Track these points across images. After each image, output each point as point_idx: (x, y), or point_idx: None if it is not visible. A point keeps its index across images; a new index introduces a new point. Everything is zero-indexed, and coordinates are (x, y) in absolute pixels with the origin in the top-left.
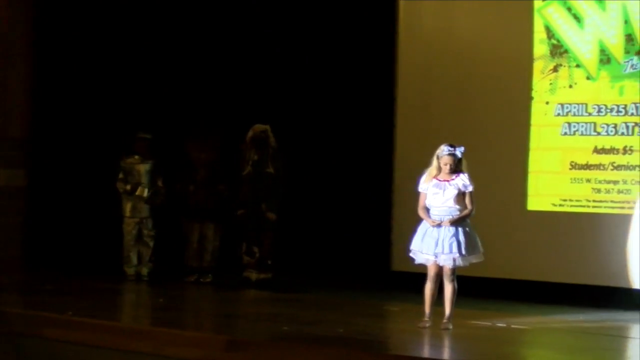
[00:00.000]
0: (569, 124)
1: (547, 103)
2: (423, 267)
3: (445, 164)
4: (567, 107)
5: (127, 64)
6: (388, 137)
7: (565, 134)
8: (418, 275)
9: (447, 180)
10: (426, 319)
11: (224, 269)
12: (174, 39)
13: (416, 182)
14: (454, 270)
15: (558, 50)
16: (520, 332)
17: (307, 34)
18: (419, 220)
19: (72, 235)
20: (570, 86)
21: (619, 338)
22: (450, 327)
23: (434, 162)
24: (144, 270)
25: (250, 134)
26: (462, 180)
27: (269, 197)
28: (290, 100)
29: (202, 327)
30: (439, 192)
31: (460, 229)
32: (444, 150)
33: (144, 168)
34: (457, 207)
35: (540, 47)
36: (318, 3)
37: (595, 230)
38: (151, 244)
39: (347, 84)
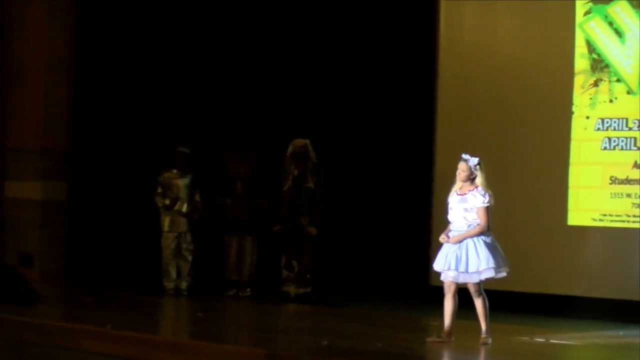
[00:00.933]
0: (609, 138)
1: (587, 118)
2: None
3: (457, 170)
4: (607, 122)
5: (167, 78)
6: (428, 151)
7: (605, 148)
8: (458, 291)
9: (462, 194)
10: (442, 333)
11: (263, 283)
12: (213, 53)
13: None
14: (477, 285)
15: (599, 64)
16: (560, 348)
17: (346, 47)
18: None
19: (112, 248)
20: (611, 101)
21: None
22: (489, 341)
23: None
24: (183, 285)
25: (290, 149)
26: (474, 196)
27: (309, 212)
28: (329, 114)
29: (241, 340)
30: (453, 207)
31: (467, 245)
32: (460, 157)
33: (182, 182)
34: (468, 222)
35: (581, 62)
36: (357, 17)
37: (635, 245)
38: (190, 258)
39: (387, 97)
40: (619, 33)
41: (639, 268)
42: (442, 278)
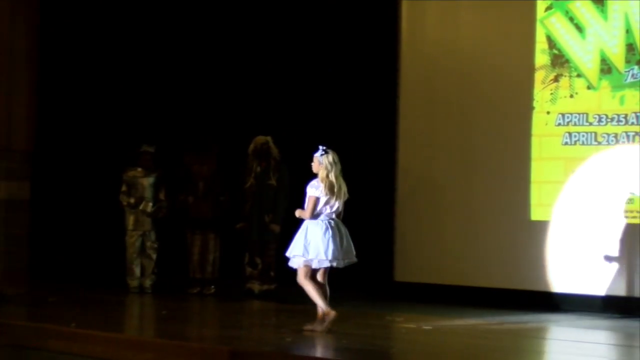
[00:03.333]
0: (570, 133)
1: (548, 113)
2: (426, 277)
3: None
4: (567, 117)
5: (131, 76)
6: (391, 147)
7: (566, 143)
8: (421, 286)
9: None
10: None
11: (227, 281)
12: (175, 51)
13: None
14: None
15: (559, 60)
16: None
17: (309, 45)
18: (422, 230)
19: (75, 247)
20: (571, 96)
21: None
22: (314, 329)
23: None
24: (147, 283)
25: (252, 146)
26: (309, 187)
27: (272, 209)
28: (291, 111)
29: (205, 338)
30: None
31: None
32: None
33: (147, 181)
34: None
35: (541, 57)
36: (320, 15)
37: (598, 239)
38: (154, 256)
39: (350, 94)
40: (579, 28)
41: (602, 262)
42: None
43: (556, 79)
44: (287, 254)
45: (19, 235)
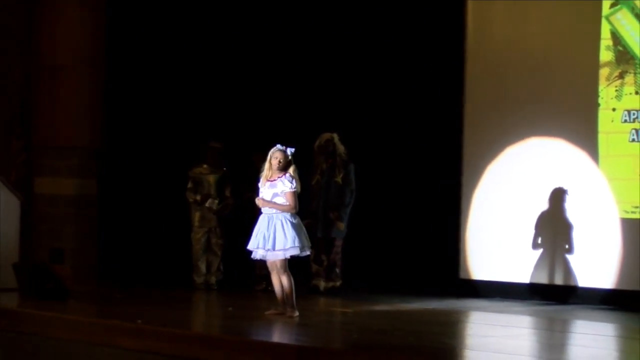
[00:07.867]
0: (637, 130)
1: (613, 110)
2: (492, 275)
3: (276, 159)
4: (634, 114)
5: (197, 74)
6: (456, 145)
7: (634, 140)
8: (486, 284)
9: (273, 181)
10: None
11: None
12: (242, 49)
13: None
14: (283, 262)
15: (624, 57)
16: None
17: (376, 44)
18: (487, 228)
19: (142, 244)
20: (637, 92)
21: None
22: (295, 315)
23: (267, 164)
24: (213, 279)
25: (317, 142)
26: (282, 182)
27: (337, 206)
28: (358, 109)
29: (273, 335)
30: (264, 192)
31: (275, 225)
32: (275, 147)
33: (213, 178)
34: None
35: (606, 54)
36: (386, 13)
37: None
38: (220, 253)
39: (415, 91)
40: None
41: None
42: (252, 256)
43: (621, 76)
44: (289, 244)
45: (87, 231)
